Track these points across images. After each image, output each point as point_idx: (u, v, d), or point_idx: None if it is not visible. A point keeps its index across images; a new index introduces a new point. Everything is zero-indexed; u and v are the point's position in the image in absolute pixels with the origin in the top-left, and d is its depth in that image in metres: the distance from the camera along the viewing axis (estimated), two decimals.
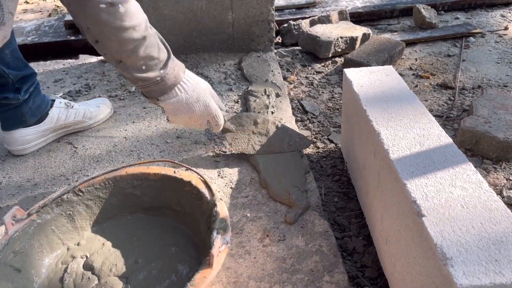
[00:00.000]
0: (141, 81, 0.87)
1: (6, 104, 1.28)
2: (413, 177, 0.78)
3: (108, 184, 0.91)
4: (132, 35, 0.80)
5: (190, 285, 0.61)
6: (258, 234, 1.04)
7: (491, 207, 0.70)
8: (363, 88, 1.11)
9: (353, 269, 1.01)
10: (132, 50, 0.82)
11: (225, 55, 1.95)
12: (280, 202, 1.12)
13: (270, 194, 1.14)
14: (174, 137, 1.43)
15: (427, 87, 1.80)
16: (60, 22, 2.47)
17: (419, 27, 2.33)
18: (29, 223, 0.81)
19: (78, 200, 0.89)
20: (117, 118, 1.56)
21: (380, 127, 0.94)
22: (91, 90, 1.76)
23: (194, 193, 0.85)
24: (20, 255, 0.77)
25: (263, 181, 1.18)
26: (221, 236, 0.69)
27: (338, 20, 2.28)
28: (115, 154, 1.37)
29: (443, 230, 0.66)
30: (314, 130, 1.54)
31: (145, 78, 0.87)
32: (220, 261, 0.65)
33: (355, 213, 1.16)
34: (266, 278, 0.93)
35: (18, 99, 1.28)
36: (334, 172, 1.32)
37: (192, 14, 1.83)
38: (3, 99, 1.26)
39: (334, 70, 1.97)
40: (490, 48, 2.11)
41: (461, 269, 0.59)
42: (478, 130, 1.34)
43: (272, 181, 1.16)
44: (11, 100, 1.27)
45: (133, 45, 0.81)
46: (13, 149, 1.35)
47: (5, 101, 1.27)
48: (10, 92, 1.26)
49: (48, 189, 1.23)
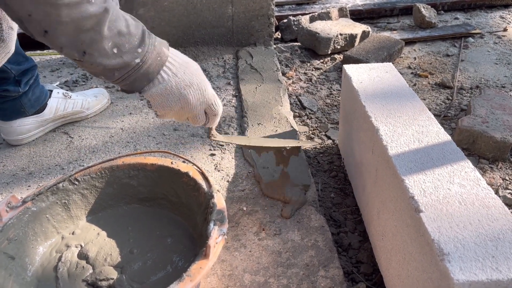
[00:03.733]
0: (118, 71, 0.67)
1: (6, 96, 1.27)
2: (411, 173, 0.78)
3: (104, 173, 0.90)
4: (87, 9, 0.61)
5: (186, 275, 0.60)
6: (254, 227, 1.04)
7: (488, 204, 0.70)
8: (362, 84, 1.11)
9: (348, 264, 1.01)
10: (94, 30, 0.62)
11: (224, 49, 1.94)
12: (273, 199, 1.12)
13: (264, 191, 1.13)
14: (171, 130, 1.43)
15: (425, 86, 1.80)
16: None
17: (419, 26, 2.33)
18: (24, 210, 0.80)
19: (74, 189, 0.88)
20: (114, 109, 1.55)
21: (379, 123, 0.94)
22: (88, 81, 1.75)
23: (191, 184, 0.84)
24: (14, 243, 0.76)
25: (257, 176, 1.18)
26: (218, 227, 0.68)
27: (338, 17, 2.27)
28: (111, 145, 1.36)
29: (440, 226, 0.66)
30: (312, 126, 1.54)
31: (121, 65, 0.66)
32: (217, 252, 0.65)
33: (351, 209, 1.16)
34: (261, 271, 0.93)
35: (18, 91, 1.27)
36: (331, 168, 1.32)
37: (192, 7, 1.82)
38: (3, 91, 1.25)
39: (333, 67, 1.96)
40: (489, 49, 2.11)
41: (458, 264, 0.59)
42: (476, 129, 1.34)
43: (265, 177, 1.16)
44: (11, 92, 1.26)
45: (92, 22, 0.62)
46: (11, 138, 1.34)
47: (5, 93, 1.26)
48: (11, 85, 1.25)
49: (43, 179, 1.22)
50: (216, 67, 1.82)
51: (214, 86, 1.67)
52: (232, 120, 1.47)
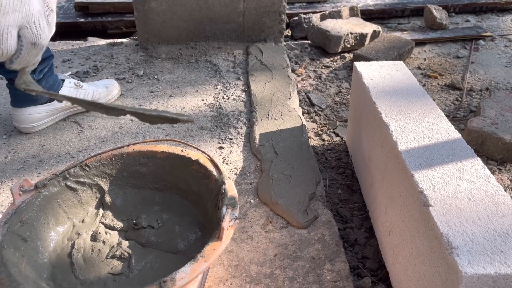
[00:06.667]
0: None
1: None
2: (420, 169, 0.78)
3: (114, 160, 0.91)
4: None
5: (200, 256, 0.61)
6: (261, 220, 1.05)
7: (498, 201, 0.70)
8: (373, 81, 1.11)
9: (354, 259, 1.01)
10: None
11: (235, 44, 1.94)
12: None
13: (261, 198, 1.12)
14: None
15: (434, 86, 1.80)
16: (70, 4, 2.47)
17: (430, 27, 2.33)
18: (36, 194, 0.81)
19: (84, 175, 0.89)
20: (124, 101, 1.56)
21: (389, 120, 0.94)
22: (99, 72, 1.76)
23: (201, 171, 0.85)
24: (26, 225, 0.77)
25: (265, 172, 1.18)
26: (231, 211, 0.69)
27: (348, 16, 2.28)
28: (120, 136, 1.37)
29: (449, 220, 0.66)
30: (320, 123, 1.55)
31: None
32: (229, 235, 0.66)
33: (358, 206, 1.17)
34: (267, 263, 0.93)
35: (33, 78, 1.27)
36: (338, 165, 1.33)
37: (204, 1, 1.83)
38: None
39: (343, 65, 1.96)
40: (500, 52, 2.10)
41: (467, 258, 0.59)
42: (485, 130, 1.34)
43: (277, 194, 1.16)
44: None
45: None
46: (22, 126, 1.36)
47: None
48: None
49: (53, 166, 1.24)
50: (226, 62, 1.83)
51: (224, 80, 1.68)
52: (241, 115, 1.47)
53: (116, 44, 2.01)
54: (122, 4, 2.32)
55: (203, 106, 1.53)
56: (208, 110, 1.50)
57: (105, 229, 0.87)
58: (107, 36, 2.22)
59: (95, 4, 2.32)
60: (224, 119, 1.45)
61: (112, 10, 2.34)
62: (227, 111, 1.49)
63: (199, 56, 1.87)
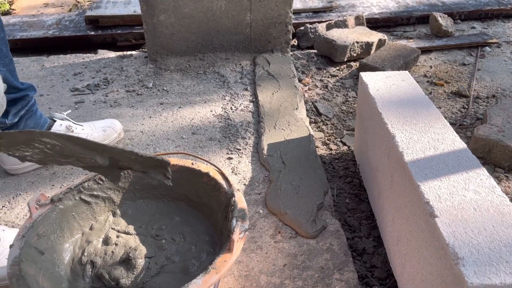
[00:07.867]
0: None
1: None
2: (426, 179, 0.80)
3: (127, 173, 0.94)
4: None
5: (211, 268, 0.63)
6: (270, 230, 1.06)
7: (503, 211, 0.71)
8: (379, 92, 1.13)
9: (362, 269, 1.02)
10: None
11: (242, 55, 1.97)
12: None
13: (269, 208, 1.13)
14: (190, 133, 1.46)
15: (441, 94, 1.81)
16: (81, 17, 2.52)
17: (435, 35, 2.34)
18: (52, 208, 0.84)
19: (98, 188, 0.92)
20: (134, 113, 1.59)
21: (395, 130, 0.96)
22: (109, 84, 1.80)
23: (211, 184, 0.87)
24: (43, 238, 0.80)
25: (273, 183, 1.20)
26: (241, 223, 0.71)
27: (354, 25, 2.30)
28: (131, 148, 1.40)
29: (455, 231, 0.67)
30: (328, 132, 1.56)
31: None
32: (239, 247, 0.67)
33: (366, 215, 1.18)
34: (277, 273, 0.95)
35: (5, 123, 1.19)
36: (346, 174, 1.34)
37: (211, 14, 1.86)
38: None
39: (349, 74, 1.98)
40: (506, 58, 2.11)
41: (472, 268, 0.60)
42: (492, 138, 1.35)
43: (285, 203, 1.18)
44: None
45: None
46: (7, 168, 1.28)
47: None
48: None
49: (66, 178, 1.27)
50: (234, 73, 1.86)
51: (232, 91, 1.71)
52: (249, 125, 1.49)
53: (126, 56, 2.05)
54: (131, 17, 2.37)
55: (212, 117, 1.55)
56: (216, 121, 1.53)
57: (116, 233, 0.90)
58: (116, 48, 2.27)
59: (105, 17, 2.37)
60: (232, 129, 1.47)
61: (122, 23, 2.39)
62: (235, 121, 1.52)
63: (207, 67, 1.90)
